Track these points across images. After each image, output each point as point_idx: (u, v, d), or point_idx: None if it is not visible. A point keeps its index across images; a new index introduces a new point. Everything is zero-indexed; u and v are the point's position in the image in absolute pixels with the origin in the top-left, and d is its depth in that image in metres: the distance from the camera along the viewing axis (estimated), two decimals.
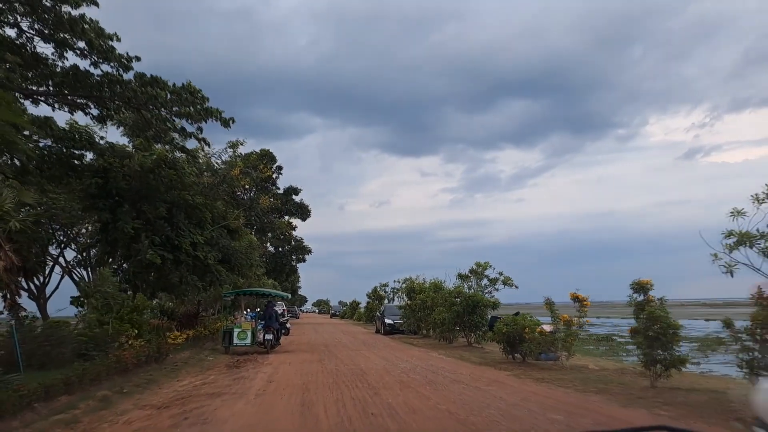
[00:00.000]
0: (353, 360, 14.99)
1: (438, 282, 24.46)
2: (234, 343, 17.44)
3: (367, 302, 49.41)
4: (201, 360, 15.51)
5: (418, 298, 24.58)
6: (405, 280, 35.94)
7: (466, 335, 19.97)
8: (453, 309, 19.48)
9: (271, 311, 18.38)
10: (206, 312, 33.09)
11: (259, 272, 22.56)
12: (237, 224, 22.60)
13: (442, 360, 15.30)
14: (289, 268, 54.08)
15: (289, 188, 54.62)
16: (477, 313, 19.22)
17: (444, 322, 19.94)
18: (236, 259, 21.39)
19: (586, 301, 12.59)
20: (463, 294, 19.77)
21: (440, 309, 21.50)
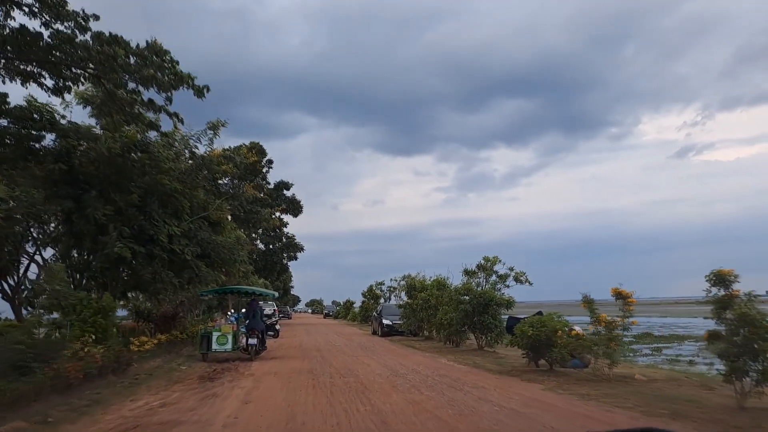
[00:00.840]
0: (351, 369, 12.75)
1: (441, 279, 22.27)
2: (213, 348, 15.16)
3: (363, 301, 47.17)
4: (171, 370, 13.22)
5: (420, 297, 22.38)
6: (403, 278, 33.82)
7: (477, 338, 17.77)
8: (461, 308, 17.28)
9: (254, 311, 16.12)
10: (190, 313, 30.79)
11: (245, 269, 20.26)
12: (219, 216, 20.30)
13: (453, 368, 13.09)
14: (280, 267, 51.72)
15: (280, 183, 52.32)
16: (489, 313, 17.03)
17: (451, 322, 17.73)
18: (218, 254, 19.09)
19: (630, 298, 10.41)
20: (472, 291, 17.57)
21: (446, 308, 19.31)
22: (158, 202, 18.00)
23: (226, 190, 19.63)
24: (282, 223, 51.07)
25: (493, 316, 17.03)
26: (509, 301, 17.23)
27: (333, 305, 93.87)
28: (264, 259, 48.93)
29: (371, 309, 43.58)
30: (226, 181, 19.61)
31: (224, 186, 19.73)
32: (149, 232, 17.24)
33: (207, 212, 19.70)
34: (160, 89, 13.91)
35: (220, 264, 19.35)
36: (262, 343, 16.40)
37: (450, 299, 18.75)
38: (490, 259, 20.48)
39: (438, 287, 21.91)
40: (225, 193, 19.85)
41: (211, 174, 19.06)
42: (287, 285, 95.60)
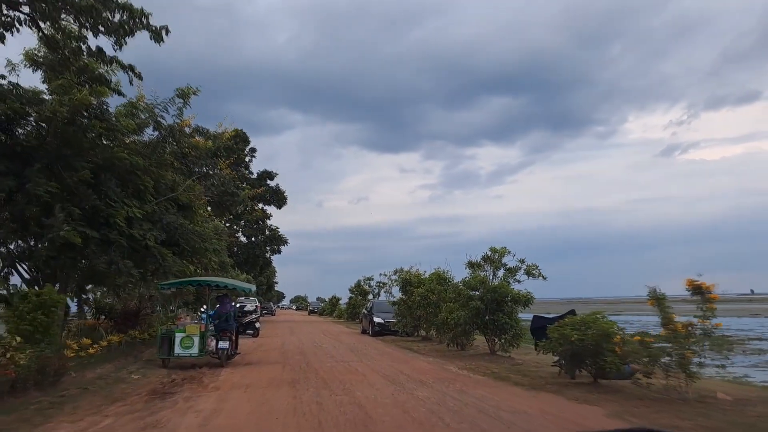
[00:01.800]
0: (343, 382, 10.17)
1: (442, 272, 19.75)
2: (175, 353, 12.49)
3: (350, 298, 44.59)
4: (117, 381, 10.54)
5: (417, 293, 19.85)
6: (395, 272, 31.27)
7: (488, 340, 15.28)
8: (471, 305, 14.75)
9: (226, 309, 13.48)
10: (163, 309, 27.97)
11: (220, 259, 17.57)
12: (190, 198, 17.58)
13: (471, 381, 10.59)
14: (263, 261, 48.92)
15: (264, 172, 49.56)
16: (504, 311, 14.57)
17: (458, 322, 15.21)
18: (188, 241, 16.39)
19: (713, 294, 7.97)
20: (486, 285, 15.07)
21: (450, 305, 16.83)
22: (116, 180, 15.31)
23: (199, 168, 16.87)
24: (265, 215, 48.29)
25: (508, 315, 14.57)
26: (528, 297, 14.76)
27: (318, 302, 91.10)
28: (246, 253, 46.13)
29: (359, 306, 41.02)
30: (198, 158, 16.83)
31: (196, 163, 16.98)
32: (104, 214, 14.57)
33: (175, 193, 17.01)
34: (108, 31, 11.26)
35: (189, 253, 16.65)
36: (235, 346, 13.77)
37: (457, 295, 16.22)
38: (497, 250, 18.01)
39: (438, 281, 19.40)
40: (197, 171, 17.10)
41: (180, 148, 16.33)
42: (271, 280, 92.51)
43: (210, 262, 17.50)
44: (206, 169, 17.08)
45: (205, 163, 17.21)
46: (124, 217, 14.62)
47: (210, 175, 17.14)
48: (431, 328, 19.47)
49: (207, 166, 17.17)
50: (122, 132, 15.31)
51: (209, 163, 17.19)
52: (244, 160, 48.67)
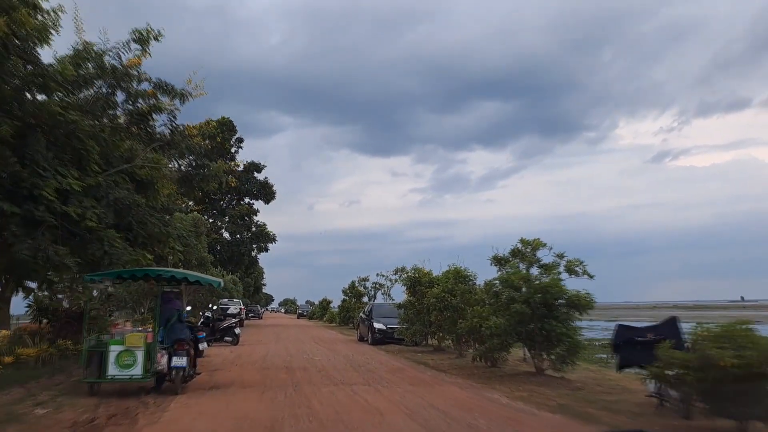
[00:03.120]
0: (353, 429, 6.59)
1: (461, 269, 16.20)
2: (108, 374, 8.81)
3: (343, 300, 40.89)
4: (10, 419, 6.90)
5: (430, 294, 16.26)
6: (397, 271, 27.67)
7: (535, 355, 11.72)
8: (514, 309, 11.16)
9: (178, 311, 9.80)
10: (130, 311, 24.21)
11: (181, 248, 13.87)
12: (154, 174, 13.92)
13: (539, 421, 7.06)
14: (248, 259, 45.12)
15: (251, 164, 45.87)
16: (557, 317, 11.05)
17: (496, 332, 11.60)
18: (144, 225, 12.74)
19: None
20: (531, 284, 11.50)
21: (478, 309, 13.30)
22: (48, 143, 11.72)
23: (161, 133, 13.27)
24: (251, 210, 44.56)
25: (563, 322, 11.04)
26: (588, 300, 11.22)
27: (307, 305, 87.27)
28: (230, 250, 42.33)
29: (353, 309, 37.36)
30: (160, 122, 13.22)
31: (158, 128, 13.37)
32: (27, 184, 10.99)
33: (131, 164, 13.38)
34: None
35: (145, 239, 12.99)
36: (193, 364, 10.09)
37: (494, 297, 12.63)
38: (530, 242, 14.55)
39: (457, 279, 15.86)
40: (158, 137, 13.50)
41: (133, 102, 12.71)
42: (258, 282, 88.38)
43: (173, 252, 13.85)
44: (170, 134, 13.46)
45: (169, 126, 13.58)
46: (54, 189, 11.02)
47: (175, 142, 13.52)
48: (449, 338, 15.88)
49: (172, 132, 13.55)
50: (56, 80, 11.68)
51: (174, 127, 13.57)
52: (230, 151, 44.96)
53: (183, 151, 13.57)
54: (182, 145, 13.52)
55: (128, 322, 10.26)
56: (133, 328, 9.63)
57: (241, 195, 44.91)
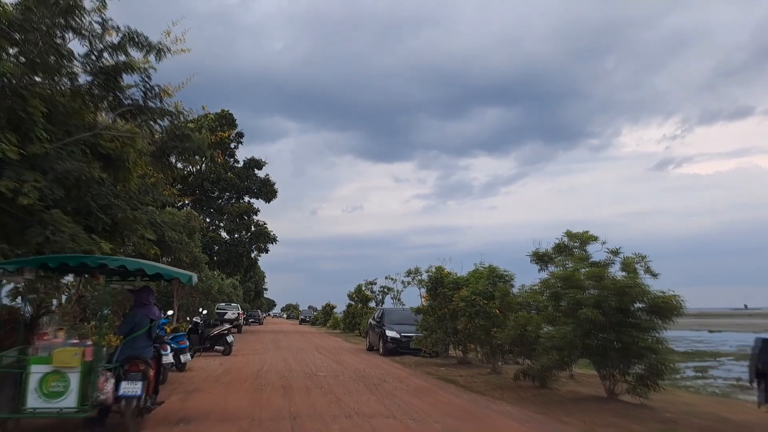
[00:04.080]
0: None
1: (495, 267, 13.54)
2: (28, 406, 6.18)
3: (348, 305, 38.26)
4: None
5: (458, 297, 13.58)
6: (409, 273, 25.10)
7: (607, 376, 9.01)
8: (580, 316, 8.47)
9: (136, 317, 7.12)
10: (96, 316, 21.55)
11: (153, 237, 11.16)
12: (124, 147, 11.27)
13: None
14: (248, 261, 42.46)
15: (251, 160, 43.28)
16: (638, 327, 8.41)
17: (558, 344, 8.88)
18: (104, 206, 10.10)
19: None
20: (605, 284, 8.81)
21: (523, 315, 10.64)
22: None
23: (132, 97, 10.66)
24: (251, 209, 41.95)
25: (643, 332, 8.40)
26: (677, 304, 8.54)
27: (310, 310, 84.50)
28: (227, 251, 39.68)
29: (359, 315, 34.70)
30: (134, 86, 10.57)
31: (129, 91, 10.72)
32: None
33: (92, 132, 10.78)
34: None
35: (108, 226, 10.34)
36: (155, 391, 7.41)
37: (553, 302, 9.94)
38: (578, 235, 12.00)
39: (493, 279, 13.21)
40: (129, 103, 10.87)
41: (93, 50, 10.10)
42: (260, 287, 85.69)
43: (144, 243, 11.20)
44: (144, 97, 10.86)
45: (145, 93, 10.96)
46: None
47: (148, 109, 10.93)
48: (481, 349, 13.19)
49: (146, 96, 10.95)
50: None
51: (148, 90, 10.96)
52: (230, 146, 42.43)
53: (156, 117, 10.93)
54: (157, 110, 10.90)
55: (61, 330, 7.59)
56: (66, 340, 6.96)
57: (241, 193, 42.31)
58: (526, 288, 11.40)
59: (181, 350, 13.25)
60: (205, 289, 27.99)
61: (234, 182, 40.92)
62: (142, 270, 6.78)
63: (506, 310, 11.71)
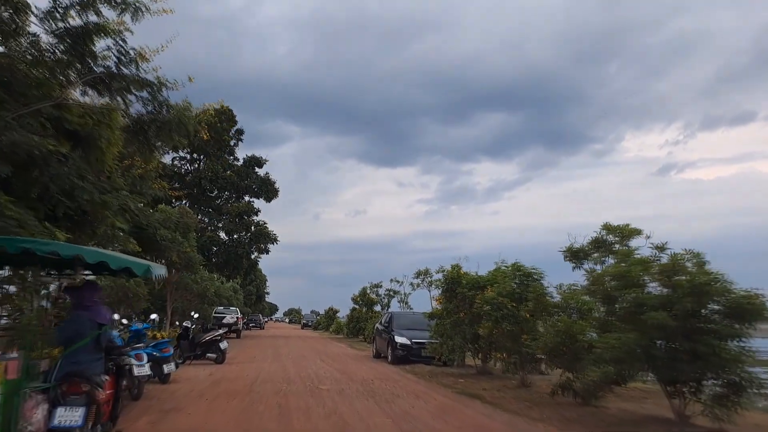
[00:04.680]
0: None
1: (521, 265, 11.86)
2: None
3: (352, 309, 36.60)
4: None
5: (481, 299, 11.87)
6: (419, 274, 23.44)
7: (676, 393, 7.30)
8: (648, 320, 6.78)
9: (81, 322, 5.47)
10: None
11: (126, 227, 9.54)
12: (98, 124, 9.64)
13: None
14: (247, 263, 40.83)
15: (251, 158, 41.75)
16: (717, 334, 6.73)
17: (621, 355, 7.15)
18: (66, 190, 8.49)
19: None
20: (679, 282, 7.11)
21: (564, 319, 8.95)
22: None
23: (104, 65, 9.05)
24: (251, 208, 40.36)
25: (723, 341, 6.73)
26: (761, 305, 6.86)
27: (312, 314, 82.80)
28: (226, 252, 38.06)
29: (364, 319, 33.06)
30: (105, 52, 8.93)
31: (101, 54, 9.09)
32: None
33: (53, 101, 9.19)
34: None
35: (71, 211, 8.71)
36: (111, 414, 5.78)
37: (606, 303, 8.24)
38: (619, 228, 10.45)
39: (521, 278, 11.55)
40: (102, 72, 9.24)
41: (59, 8, 8.52)
42: (261, 290, 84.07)
43: (113, 232, 9.57)
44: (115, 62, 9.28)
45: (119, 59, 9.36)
46: None
47: (122, 77, 9.34)
48: (509, 358, 11.48)
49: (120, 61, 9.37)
50: None
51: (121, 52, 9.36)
52: (229, 144, 40.91)
53: (133, 87, 9.31)
54: (133, 79, 9.30)
55: None
56: None
57: (240, 192, 40.72)
58: (564, 287, 9.70)
59: (165, 359, 11.61)
60: (200, 291, 26.32)
61: (233, 181, 39.35)
62: (81, 258, 5.12)
63: (542, 314, 10.02)
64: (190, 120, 9.80)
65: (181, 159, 40.09)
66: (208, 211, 39.65)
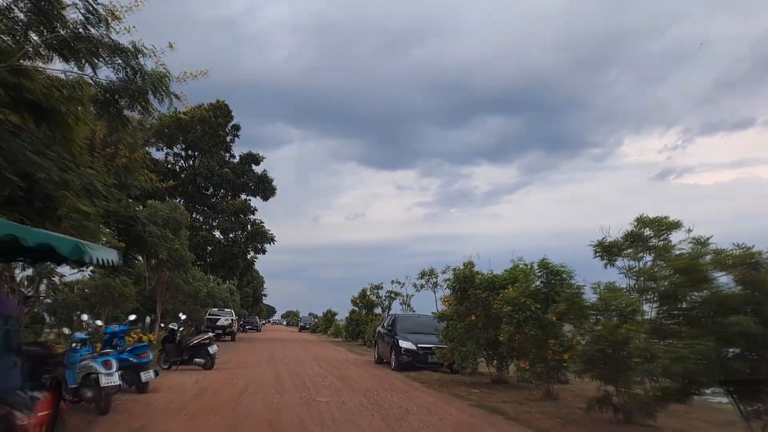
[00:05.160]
0: None
1: (548, 262, 10.51)
2: None
3: (351, 312, 35.23)
4: None
5: (502, 300, 10.52)
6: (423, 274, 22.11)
7: (757, 411, 5.96)
8: (731, 326, 5.43)
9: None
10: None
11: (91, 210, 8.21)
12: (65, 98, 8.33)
13: None
14: (243, 263, 39.46)
15: (248, 155, 40.45)
16: None
17: (694, 367, 5.82)
18: (21, 168, 7.19)
19: None
20: (763, 278, 5.79)
21: (606, 323, 7.61)
22: None
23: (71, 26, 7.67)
24: (247, 207, 39.02)
25: None
26: None
27: (310, 317, 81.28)
28: (222, 252, 36.70)
29: (363, 322, 31.73)
30: None
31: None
32: None
33: (7, 65, 7.91)
34: None
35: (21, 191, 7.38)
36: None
37: (665, 302, 6.90)
38: (656, 221, 9.24)
39: (547, 276, 10.23)
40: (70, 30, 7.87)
41: None
42: (258, 292, 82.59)
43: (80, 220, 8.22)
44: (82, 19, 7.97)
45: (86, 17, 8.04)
46: None
47: (89, 39, 8.02)
48: (533, 366, 10.13)
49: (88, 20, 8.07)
50: None
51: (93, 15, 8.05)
52: (225, 140, 39.58)
53: (103, 52, 7.98)
54: (103, 43, 7.98)
55: None
56: None
57: (236, 190, 39.39)
58: (602, 286, 8.37)
59: (142, 366, 10.27)
60: (192, 292, 24.93)
61: (229, 178, 38.01)
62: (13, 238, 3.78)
63: (577, 317, 8.69)
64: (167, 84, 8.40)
65: (176, 155, 38.77)
66: (203, 210, 38.33)
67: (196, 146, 38.07)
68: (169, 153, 37.92)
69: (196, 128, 37.23)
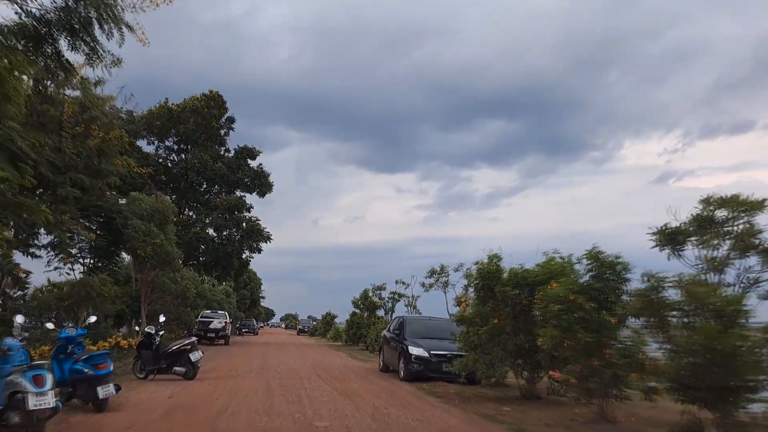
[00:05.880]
0: None
1: (599, 252, 8.55)
2: None
3: (352, 314, 33.27)
4: None
5: (545, 296, 8.56)
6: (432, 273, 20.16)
7: None
8: None
9: None
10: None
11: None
12: None
13: None
14: (239, 263, 37.42)
15: (244, 148, 38.41)
16: None
17: None
18: None
19: None
20: None
21: (709, 326, 5.68)
22: None
23: None
24: (243, 204, 37.00)
25: None
26: None
27: (309, 320, 79.20)
28: (215, 251, 34.64)
29: (365, 325, 29.78)
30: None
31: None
32: None
33: None
34: None
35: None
36: None
37: None
38: (733, 200, 7.31)
39: (599, 269, 8.29)
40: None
41: None
42: (256, 294, 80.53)
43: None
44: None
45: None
46: None
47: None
48: (584, 381, 8.14)
49: None
50: None
51: None
52: (218, 133, 37.57)
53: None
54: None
55: None
56: None
57: (231, 186, 37.37)
58: (686, 279, 6.44)
59: (100, 379, 8.31)
60: (180, 292, 22.93)
61: (223, 173, 35.91)
62: None
63: (658, 319, 6.73)
64: (115, 13, 6.41)
65: (167, 149, 36.79)
66: (195, 206, 36.32)
67: (188, 139, 36.09)
68: (160, 147, 35.96)
69: (189, 119, 35.28)
